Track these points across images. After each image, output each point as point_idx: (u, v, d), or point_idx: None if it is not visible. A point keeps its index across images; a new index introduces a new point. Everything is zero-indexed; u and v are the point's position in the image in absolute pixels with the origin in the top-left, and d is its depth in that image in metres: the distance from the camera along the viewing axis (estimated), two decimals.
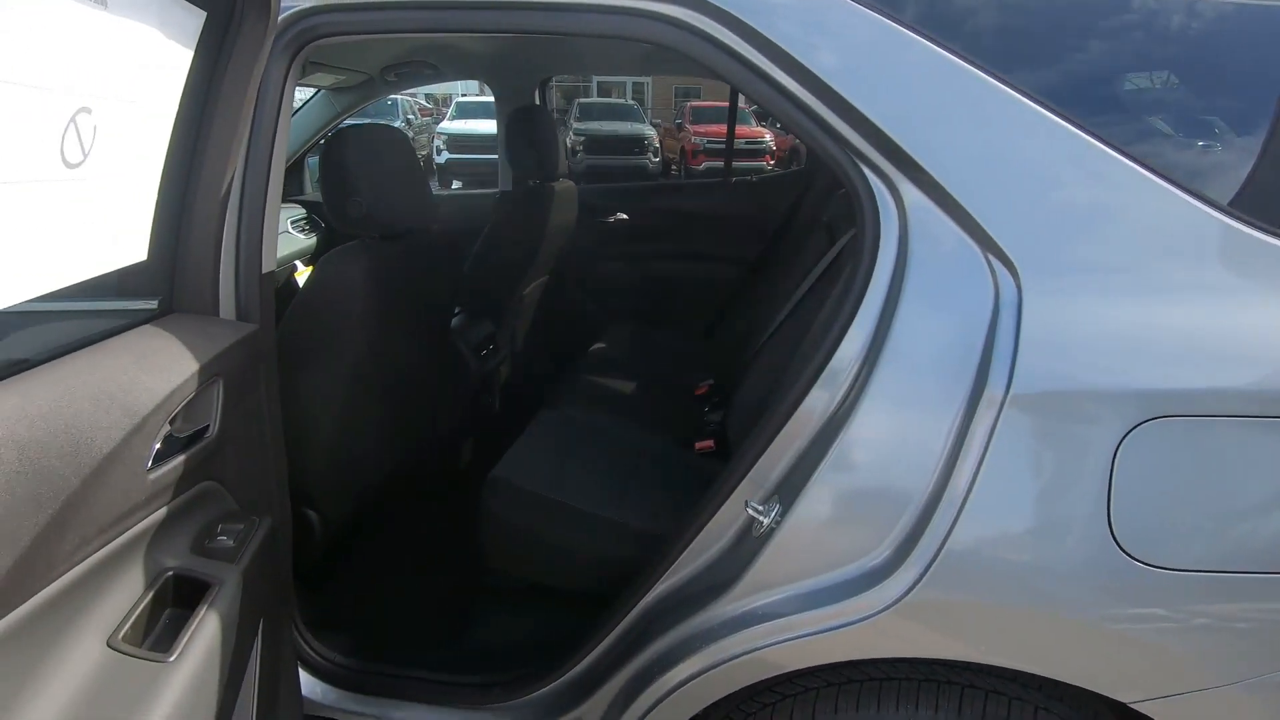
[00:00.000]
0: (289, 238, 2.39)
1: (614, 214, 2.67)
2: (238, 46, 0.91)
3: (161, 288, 0.98)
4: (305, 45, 1.08)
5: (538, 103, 2.48)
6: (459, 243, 1.68)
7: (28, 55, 0.53)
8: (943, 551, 0.81)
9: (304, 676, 1.33)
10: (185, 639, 0.71)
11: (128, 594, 0.73)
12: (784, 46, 0.88)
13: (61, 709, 0.58)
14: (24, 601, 0.55)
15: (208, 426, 0.87)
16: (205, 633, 0.74)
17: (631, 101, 13.66)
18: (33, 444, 0.57)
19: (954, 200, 0.84)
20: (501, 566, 1.49)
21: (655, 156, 11.33)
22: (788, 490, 0.94)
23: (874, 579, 0.86)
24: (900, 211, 0.87)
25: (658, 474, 1.62)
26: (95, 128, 0.64)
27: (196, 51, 0.83)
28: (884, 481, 0.89)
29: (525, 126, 2.09)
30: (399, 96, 13.28)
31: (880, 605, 0.84)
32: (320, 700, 1.34)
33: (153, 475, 0.74)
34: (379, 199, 1.35)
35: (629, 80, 16.57)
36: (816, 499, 0.89)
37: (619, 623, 1.10)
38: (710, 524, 1.05)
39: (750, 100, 1.54)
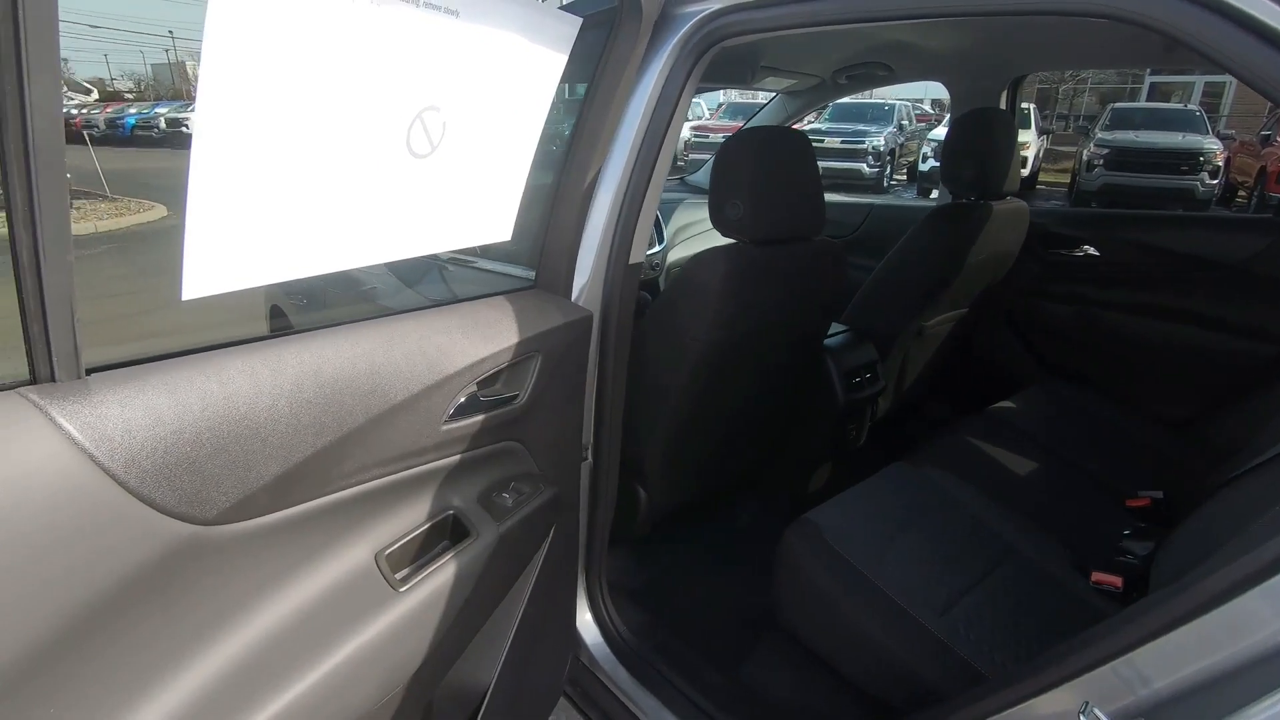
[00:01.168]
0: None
1: (1080, 246, 2.10)
2: (613, 53, 0.95)
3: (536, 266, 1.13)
4: (711, 47, 1.09)
5: (1002, 106, 2.09)
6: (843, 256, 1.53)
7: (378, 62, 0.63)
8: None
9: (592, 628, 1.43)
10: (422, 576, 0.81)
11: (409, 521, 0.86)
12: None
13: (312, 595, 0.72)
14: (292, 506, 0.68)
15: (517, 394, 0.97)
16: (441, 576, 0.83)
17: (1193, 108, 10.66)
18: (335, 381, 0.70)
19: None
20: (789, 621, 1.35)
21: (1213, 177, 8.69)
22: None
23: None
24: None
25: (1018, 593, 1.24)
26: (444, 124, 0.73)
27: (571, 55, 0.90)
28: None
29: (972, 132, 1.78)
30: (896, 101, 12.95)
31: None
32: (597, 659, 1.42)
33: (447, 427, 0.85)
34: (759, 204, 1.31)
35: (1199, 79, 13.02)
36: None
37: None
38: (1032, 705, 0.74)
39: None
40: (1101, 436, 1.77)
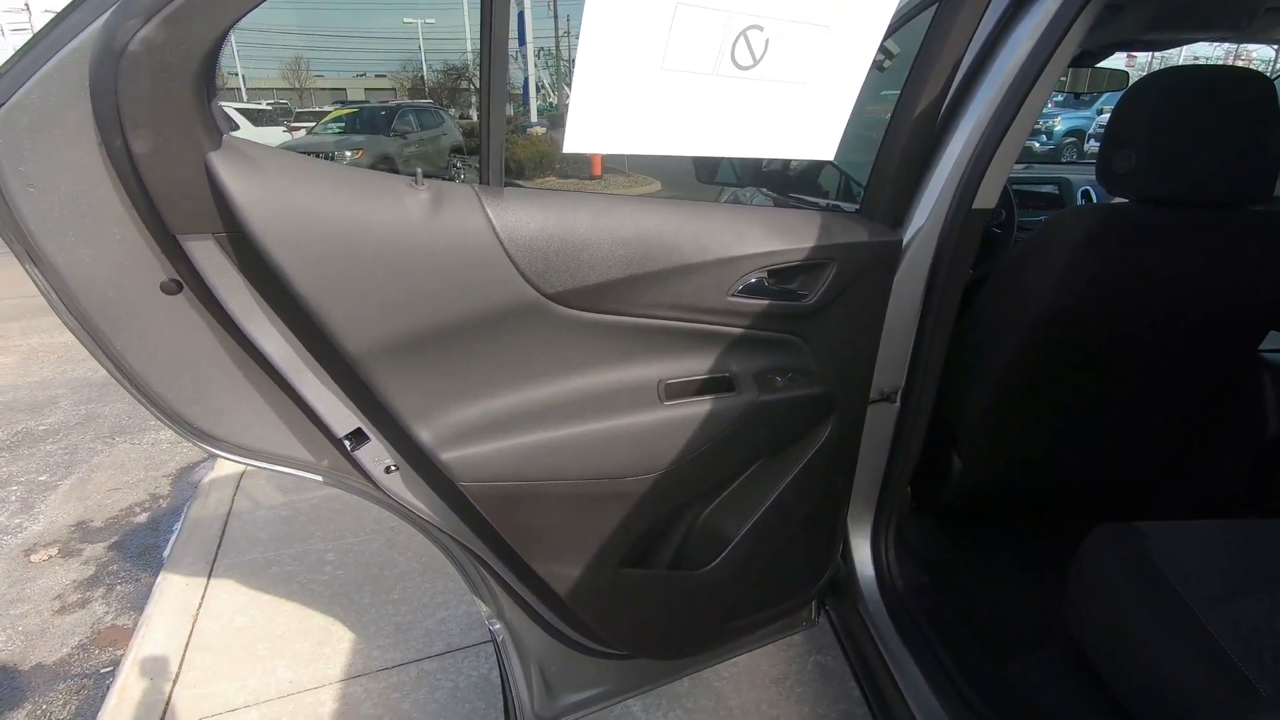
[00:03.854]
0: None
1: None
2: None
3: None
4: None
5: None
6: None
7: None
8: None
9: (869, 568, 1.47)
10: (684, 401, 1.03)
11: (692, 367, 1.08)
12: None
13: (605, 382, 1.00)
14: (606, 312, 0.95)
15: (808, 295, 1.10)
16: (699, 408, 1.03)
17: None
18: (648, 234, 0.95)
19: None
20: (1080, 642, 1.18)
21: None
22: None
23: None
24: None
25: None
26: (766, 41, 0.91)
27: None
28: None
29: None
30: None
31: None
32: (865, 597, 1.46)
33: (734, 299, 1.04)
34: (1156, 152, 1.13)
35: None
36: None
37: None
38: None
39: None
40: None
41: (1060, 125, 11.78)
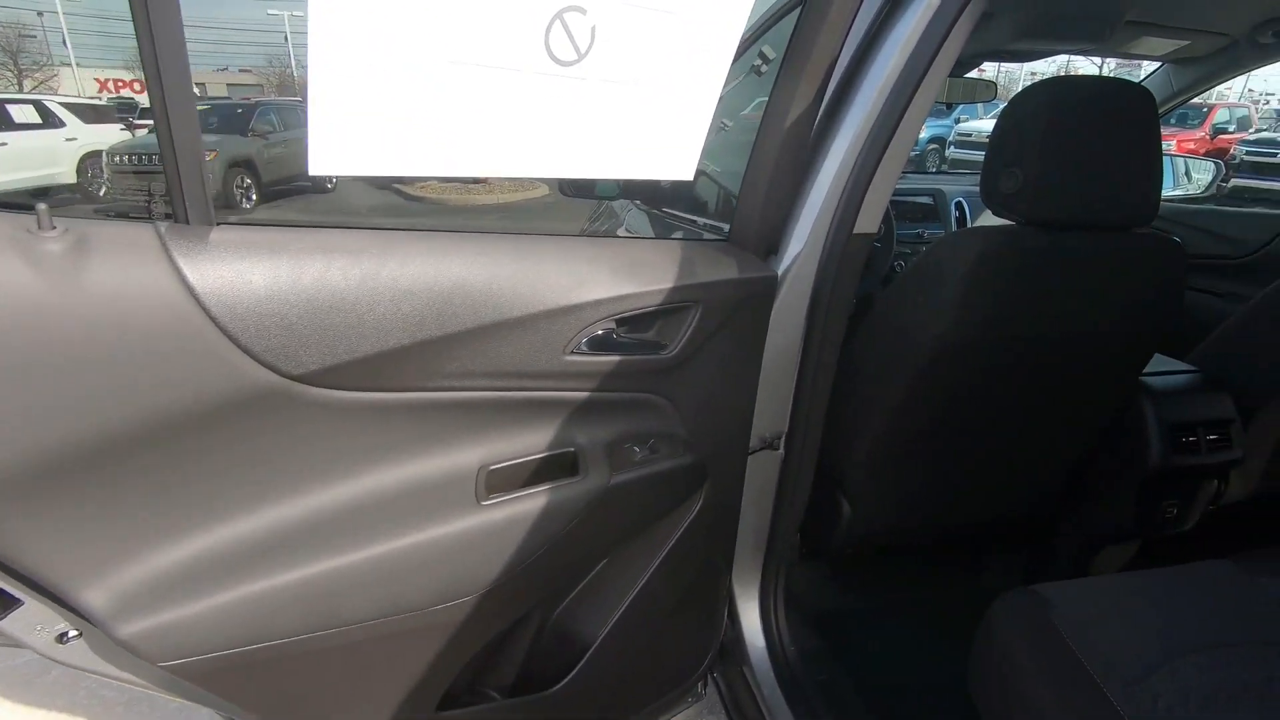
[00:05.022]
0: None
1: None
2: None
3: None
4: None
5: None
6: (1180, 258, 1.11)
7: None
8: None
9: (757, 636, 1.31)
10: (509, 498, 0.79)
11: (526, 445, 0.85)
12: None
13: (394, 480, 0.75)
14: (388, 390, 0.71)
15: (667, 345, 0.90)
16: (530, 505, 0.81)
17: None
18: (446, 282, 0.71)
19: None
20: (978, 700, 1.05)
21: None
22: None
23: None
24: None
25: None
26: (592, 29, 0.69)
27: None
28: None
29: None
30: None
31: None
32: (755, 669, 1.29)
33: (573, 358, 0.82)
34: (1044, 173, 1.02)
35: None
36: None
37: None
38: None
39: None
40: None
41: (924, 133, 12.47)
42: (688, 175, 0.90)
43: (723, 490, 1.06)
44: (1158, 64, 1.98)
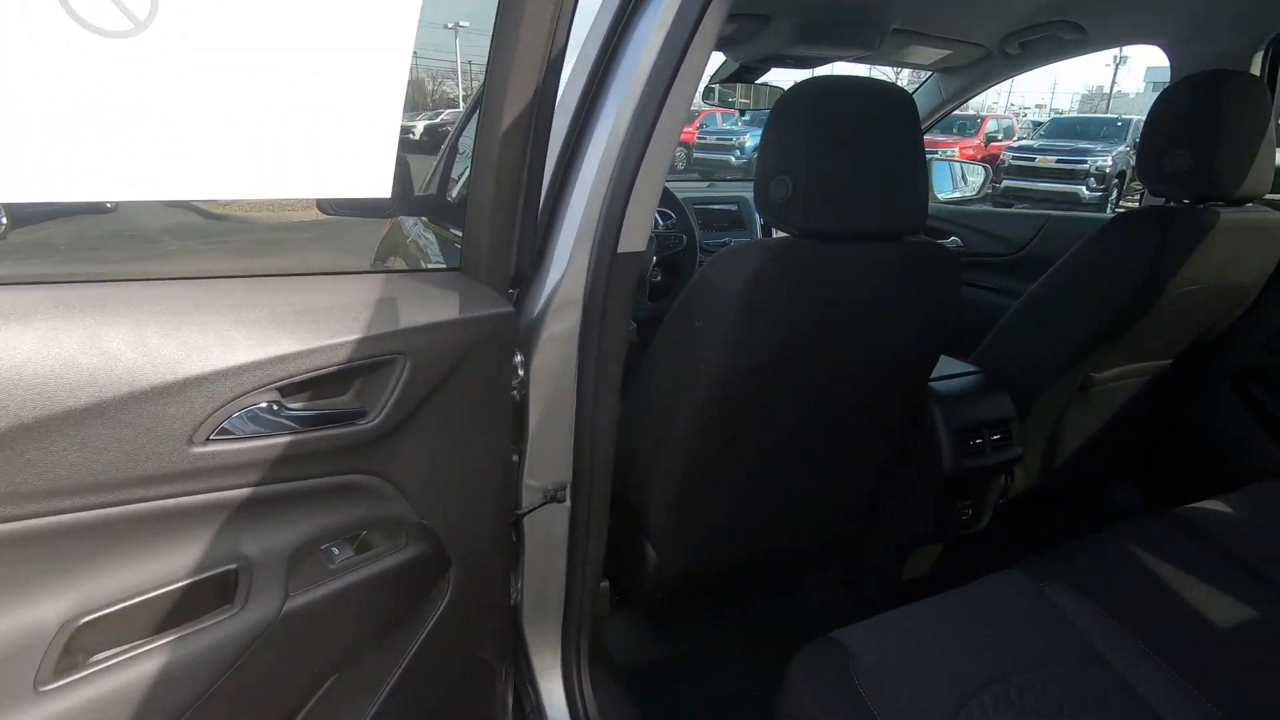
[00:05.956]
0: None
1: None
2: None
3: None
4: None
5: (1257, 73, 1.45)
6: (955, 266, 1.08)
7: None
8: None
9: (561, 711, 1.14)
10: (92, 673, 0.55)
11: (161, 569, 0.61)
12: None
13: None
14: None
15: (366, 412, 0.69)
16: (122, 679, 0.57)
17: None
18: (62, 366, 0.47)
19: None
20: None
21: None
22: None
23: None
24: None
25: None
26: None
27: None
28: None
29: (1193, 103, 1.22)
30: (1134, 117, 11.08)
31: None
32: None
33: (201, 449, 0.59)
34: (815, 182, 0.93)
35: None
36: None
37: None
38: None
39: None
40: None
41: (749, 141, 12.94)
42: (384, 193, 0.71)
43: (477, 570, 0.87)
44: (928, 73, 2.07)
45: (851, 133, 0.95)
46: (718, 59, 1.85)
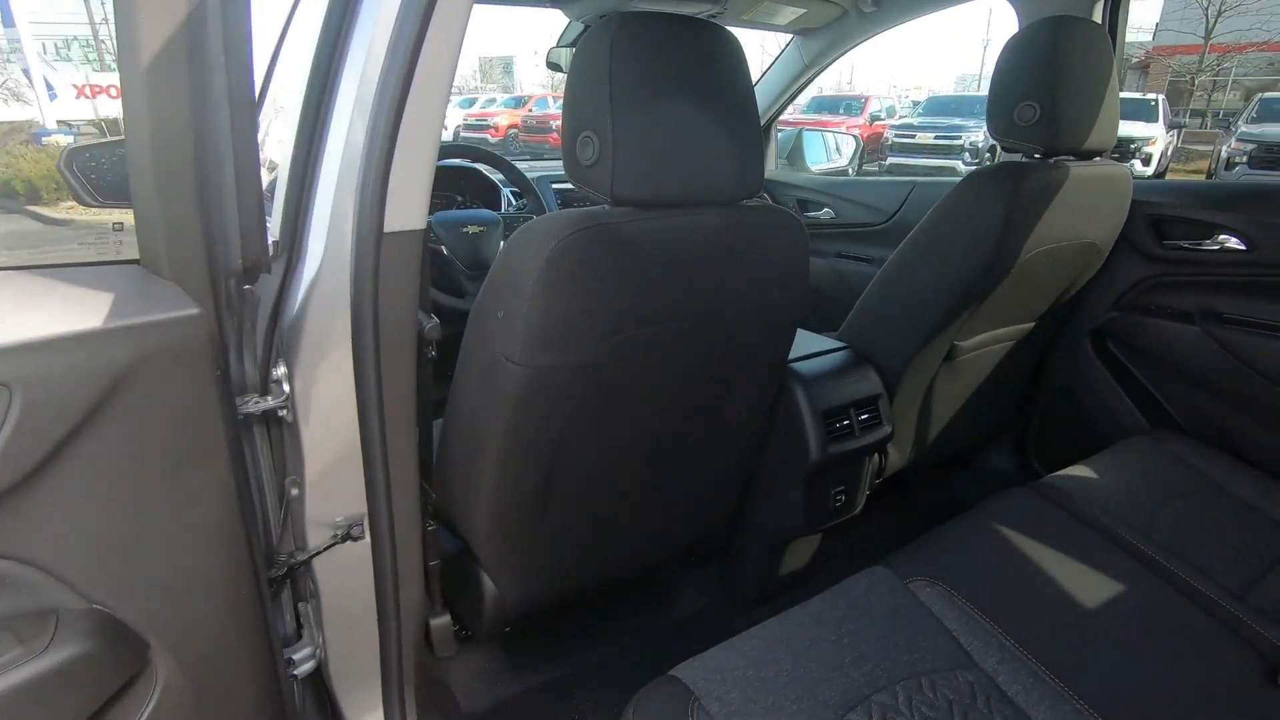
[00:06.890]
0: None
1: (1215, 235, 1.40)
2: None
3: None
4: None
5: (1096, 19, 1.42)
6: (800, 231, 0.96)
7: None
8: None
9: None
10: None
11: None
12: None
13: None
14: None
15: None
16: None
17: None
18: None
19: None
20: None
21: None
22: None
23: None
24: None
25: None
26: None
27: None
28: None
29: (1039, 50, 1.15)
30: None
31: None
32: None
33: None
34: (624, 140, 0.78)
35: None
36: None
37: None
38: None
39: None
40: (1227, 530, 1.11)
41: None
42: None
43: (209, 647, 0.68)
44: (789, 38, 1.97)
45: (670, 78, 0.80)
46: (560, 20, 1.68)
